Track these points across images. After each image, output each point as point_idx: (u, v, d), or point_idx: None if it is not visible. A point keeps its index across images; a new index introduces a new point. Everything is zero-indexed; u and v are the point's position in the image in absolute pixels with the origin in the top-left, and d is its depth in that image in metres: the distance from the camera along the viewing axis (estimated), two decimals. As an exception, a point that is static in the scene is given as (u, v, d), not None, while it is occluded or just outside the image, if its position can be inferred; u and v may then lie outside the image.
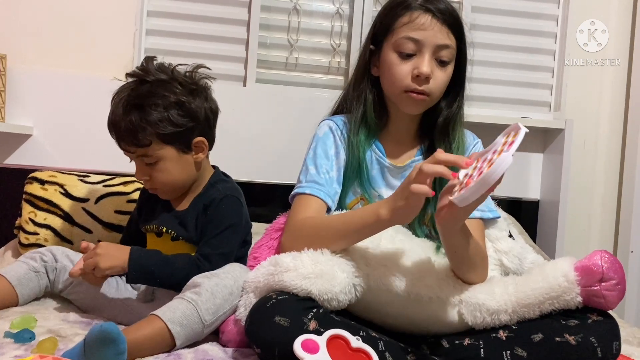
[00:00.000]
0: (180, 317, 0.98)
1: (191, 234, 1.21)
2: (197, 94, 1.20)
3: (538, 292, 0.97)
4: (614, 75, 2.12)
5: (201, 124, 1.21)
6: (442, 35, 1.12)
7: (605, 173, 2.14)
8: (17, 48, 1.81)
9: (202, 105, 1.21)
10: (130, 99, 1.15)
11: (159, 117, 1.14)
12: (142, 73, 1.18)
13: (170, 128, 1.15)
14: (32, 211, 1.50)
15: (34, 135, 1.79)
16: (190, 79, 1.22)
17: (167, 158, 1.18)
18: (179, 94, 1.17)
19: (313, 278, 0.94)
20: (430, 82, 1.13)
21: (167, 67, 1.21)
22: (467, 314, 1.01)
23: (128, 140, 1.16)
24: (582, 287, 0.95)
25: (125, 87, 1.18)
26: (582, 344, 0.92)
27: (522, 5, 2.07)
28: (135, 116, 1.13)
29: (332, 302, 0.95)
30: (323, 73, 2.00)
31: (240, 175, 1.72)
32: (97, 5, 1.85)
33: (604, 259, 0.95)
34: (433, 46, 1.12)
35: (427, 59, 1.11)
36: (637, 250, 2.04)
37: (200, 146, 1.22)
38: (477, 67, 2.03)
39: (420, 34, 1.12)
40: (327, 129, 1.23)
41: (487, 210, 1.22)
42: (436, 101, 1.18)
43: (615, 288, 0.94)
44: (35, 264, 1.19)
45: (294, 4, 1.97)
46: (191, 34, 1.92)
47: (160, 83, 1.17)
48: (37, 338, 0.97)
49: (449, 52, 1.13)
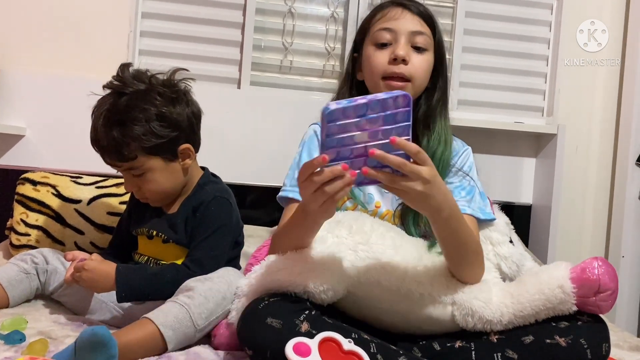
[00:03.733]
0: (173, 321, 0.97)
1: (181, 237, 1.21)
2: (177, 102, 1.19)
3: (535, 304, 0.96)
4: (605, 81, 2.14)
5: (185, 131, 1.20)
6: (415, 22, 1.17)
7: (597, 178, 2.15)
8: (10, 48, 1.80)
9: (184, 112, 1.19)
10: (110, 115, 1.13)
11: (141, 131, 1.13)
12: (119, 84, 1.16)
13: (154, 140, 1.14)
14: (23, 212, 1.49)
15: (26, 136, 1.78)
16: (168, 86, 1.20)
17: (154, 169, 1.17)
18: (159, 105, 1.15)
19: (306, 272, 0.94)
20: (409, 65, 1.14)
21: (144, 75, 1.19)
22: (459, 316, 1.01)
23: (113, 156, 1.15)
24: (578, 297, 0.95)
25: (104, 102, 1.15)
26: (572, 346, 0.92)
27: (515, 10, 2.08)
28: (117, 132, 1.12)
29: (328, 293, 0.95)
30: (317, 76, 2.00)
31: (234, 177, 1.72)
32: (91, 6, 1.85)
33: (601, 269, 0.94)
34: (407, 32, 1.15)
35: (403, 43, 1.15)
36: (628, 255, 2.06)
37: (187, 152, 1.21)
38: (470, 72, 2.05)
39: (393, 23, 1.16)
40: (312, 133, 1.23)
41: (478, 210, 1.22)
42: (419, 90, 1.19)
43: (610, 297, 0.95)
44: (26, 265, 1.19)
45: (288, 7, 1.97)
46: (185, 36, 1.91)
47: (139, 95, 1.15)
48: (28, 340, 0.96)
49: (423, 38, 1.16)
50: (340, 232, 1.06)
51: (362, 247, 1.02)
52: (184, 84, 1.24)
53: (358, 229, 1.07)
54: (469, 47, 2.05)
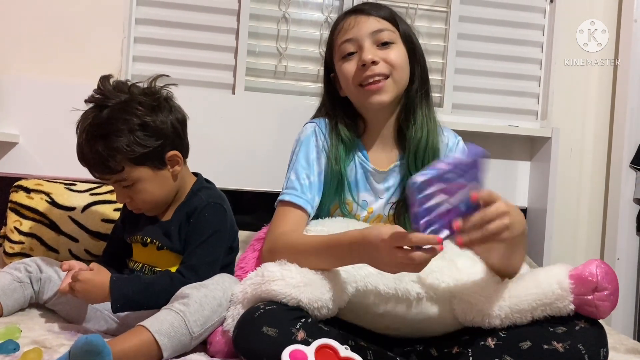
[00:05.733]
0: (168, 329, 0.96)
1: (175, 244, 1.20)
2: (159, 110, 1.18)
3: (531, 297, 0.97)
4: (599, 84, 2.14)
5: (170, 138, 1.19)
6: (372, 23, 1.17)
7: (591, 180, 2.16)
8: (3, 55, 1.79)
9: (167, 119, 1.18)
10: (92, 129, 1.13)
11: (125, 142, 1.12)
12: (100, 97, 1.15)
13: (139, 150, 1.13)
14: (17, 220, 1.48)
15: (20, 143, 1.77)
16: (149, 94, 1.19)
17: (143, 178, 1.17)
18: (141, 115, 1.14)
19: (302, 287, 0.94)
20: (380, 64, 1.15)
21: (124, 85, 1.18)
22: (458, 310, 1.01)
23: (100, 170, 1.15)
24: (575, 296, 0.95)
25: (86, 116, 1.15)
26: (569, 351, 0.92)
27: (508, 14, 2.09)
28: (102, 146, 1.12)
29: (322, 310, 0.95)
30: (312, 81, 2.01)
31: (228, 183, 1.71)
32: (85, 12, 1.84)
33: (600, 269, 0.95)
34: (367, 34, 1.16)
35: (367, 47, 1.15)
36: (624, 257, 2.06)
37: (175, 159, 1.21)
38: (464, 76, 2.06)
39: (352, 32, 1.17)
40: (309, 132, 1.23)
41: None
42: (403, 82, 1.19)
43: (608, 298, 0.95)
44: (20, 274, 1.18)
45: (282, 13, 1.98)
46: (180, 41, 1.91)
47: (120, 106, 1.14)
48: (22, 349, 0.95)
49: (386, 33, 1.17)
50: None
51: None
52: (165, 90, 1.23)
53: None
54: (462, 51, 2.06)
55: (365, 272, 1.00)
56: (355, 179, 1.22)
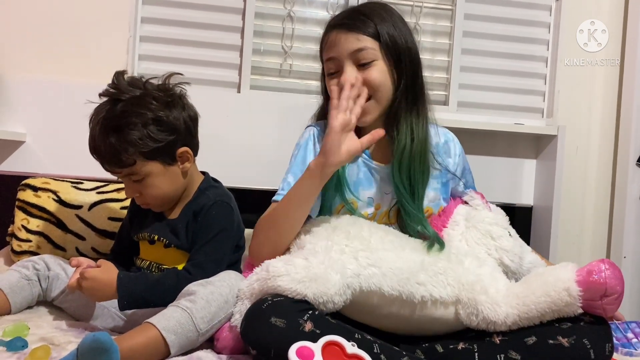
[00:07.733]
0: (175, 325, 0.97)
1: (182, 242, 1.21)
2: (173, 106, 1.19)
3: (540, 306, 0.96)
4: (605, 81, 2.14)
5: (182, 134, 1.20)
6: (352, 41, 1.15)
7: (597, 178, 2.15)
8: (10, 54, 1.80)
9: (180, 115, 1.20)
10: (106, 122, 1.14)
11: (138, 136, 1.13)
12: (114, 91, 1.17)
13: (151, 144, 1.14)
14: (24, 218, 1.49)
15: (26, 141, 1.78)
16: (163, 90, 1.20)
17: (153, 173, 1.17)
18: (155, 109, 1.15)
19: (307, 282, 0.94)
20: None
21: (139, 81, 1.20)
22: (463, 314, 1.01)
23: (112, 162, 1.16)
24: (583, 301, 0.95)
25: (100, 109, 1.16)
26: (575, 346, 0.93)
27: (514, 12, 2.08)
28: (115, 138, 1.13)
29: (328, 305, 0.95)
30: (317, 79, 1.97)
31: (234, 181, 1.71)
32: (91, 11, 1.85)
33: (607, 272, 0.94)
34: (347, 55, 1.15)
35: (347, 69, 1.15)
36: (630, 255, 2.05)
37: (185, 156, 1.22)
38: (470, 74, 2.06)
39: (333, 50, 1.17)
40: (308, 136, 1.24)
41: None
42: (387, 97, 1.18)
43: (616, 301, 0.95)
44: (28, 272, 1.19)
45: (287, 11, 1.98)
46: (185, 40, 1.92)
47: (134, 100, 1.15)
48: (30, 346, 0.96)
49: (365, 53, 1.15)
50: (339, 238, 1.06)
51: (362, 254, 1.02)
52: (179, 88, 1.24)
53: (356, 234, 1.07)
54: (468, 49, 2.06)
55: (370, 273, 1.00)
56: (360, 178, 1.22)
